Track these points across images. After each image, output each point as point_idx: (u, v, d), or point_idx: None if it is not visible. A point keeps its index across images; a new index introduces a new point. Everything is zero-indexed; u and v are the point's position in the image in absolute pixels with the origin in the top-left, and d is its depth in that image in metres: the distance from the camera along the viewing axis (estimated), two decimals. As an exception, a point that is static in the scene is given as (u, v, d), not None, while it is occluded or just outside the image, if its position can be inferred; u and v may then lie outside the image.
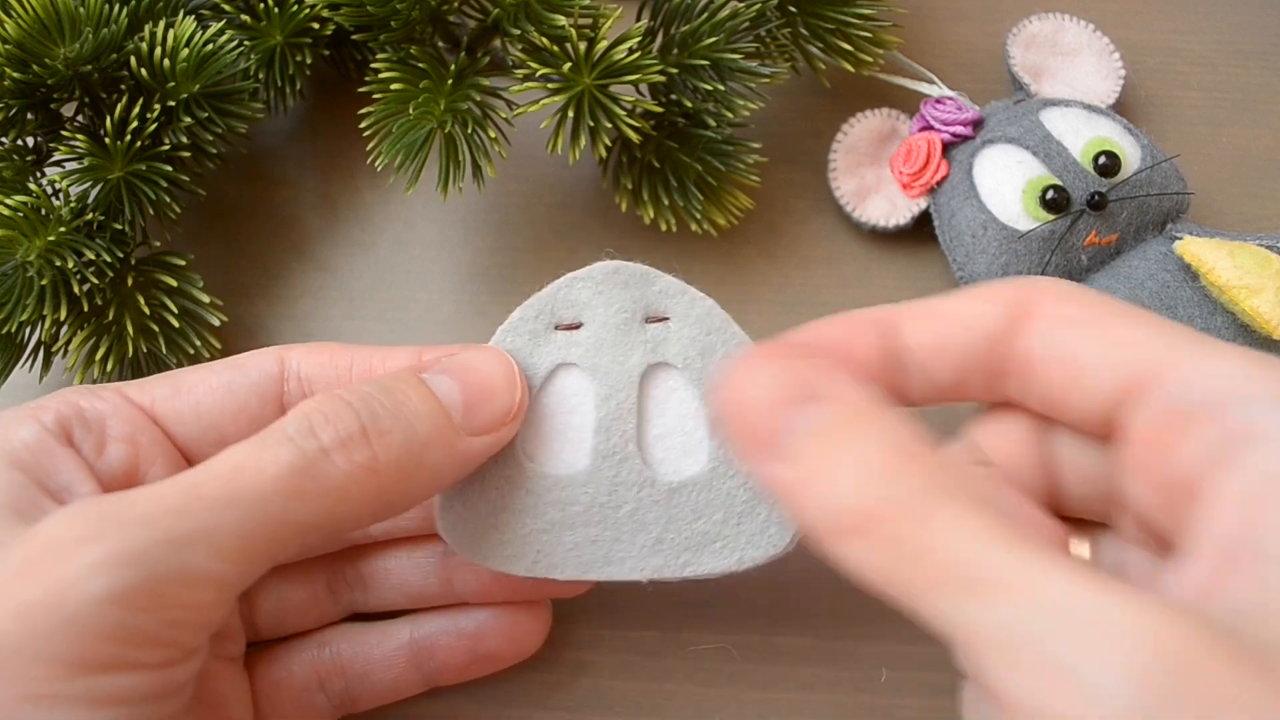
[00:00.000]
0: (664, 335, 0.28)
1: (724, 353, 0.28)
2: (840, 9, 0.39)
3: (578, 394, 0.28)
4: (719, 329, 0.28)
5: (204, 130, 0.36)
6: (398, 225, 0.41)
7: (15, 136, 0.36)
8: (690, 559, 0.28)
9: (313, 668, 0.30)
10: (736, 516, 0.28)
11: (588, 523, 0.28)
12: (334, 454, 0.24)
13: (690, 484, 0.28)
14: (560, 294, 0.29)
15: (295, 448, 0.24)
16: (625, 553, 0.28)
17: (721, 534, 0.28)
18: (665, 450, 0.28)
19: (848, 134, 0.41)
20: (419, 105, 0.34)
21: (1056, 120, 0.38)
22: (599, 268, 0.28)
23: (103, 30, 0.34)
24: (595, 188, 0.42)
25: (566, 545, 0.28)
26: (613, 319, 0.28)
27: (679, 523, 0.28)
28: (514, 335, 0.29)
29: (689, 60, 0.36)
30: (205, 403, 0.28)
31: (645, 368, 0.28)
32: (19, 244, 0.33)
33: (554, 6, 0.34)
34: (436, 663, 0.31)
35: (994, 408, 0.26)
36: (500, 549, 0.28)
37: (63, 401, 0.27)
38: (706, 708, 0.33)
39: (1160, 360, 0.22)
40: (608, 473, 0.28)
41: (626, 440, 0.28)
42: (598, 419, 0.28)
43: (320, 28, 0.38)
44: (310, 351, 0.29)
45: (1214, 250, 0.34)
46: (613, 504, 0.28)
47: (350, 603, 0.31)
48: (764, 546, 0.28)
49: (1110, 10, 0.44)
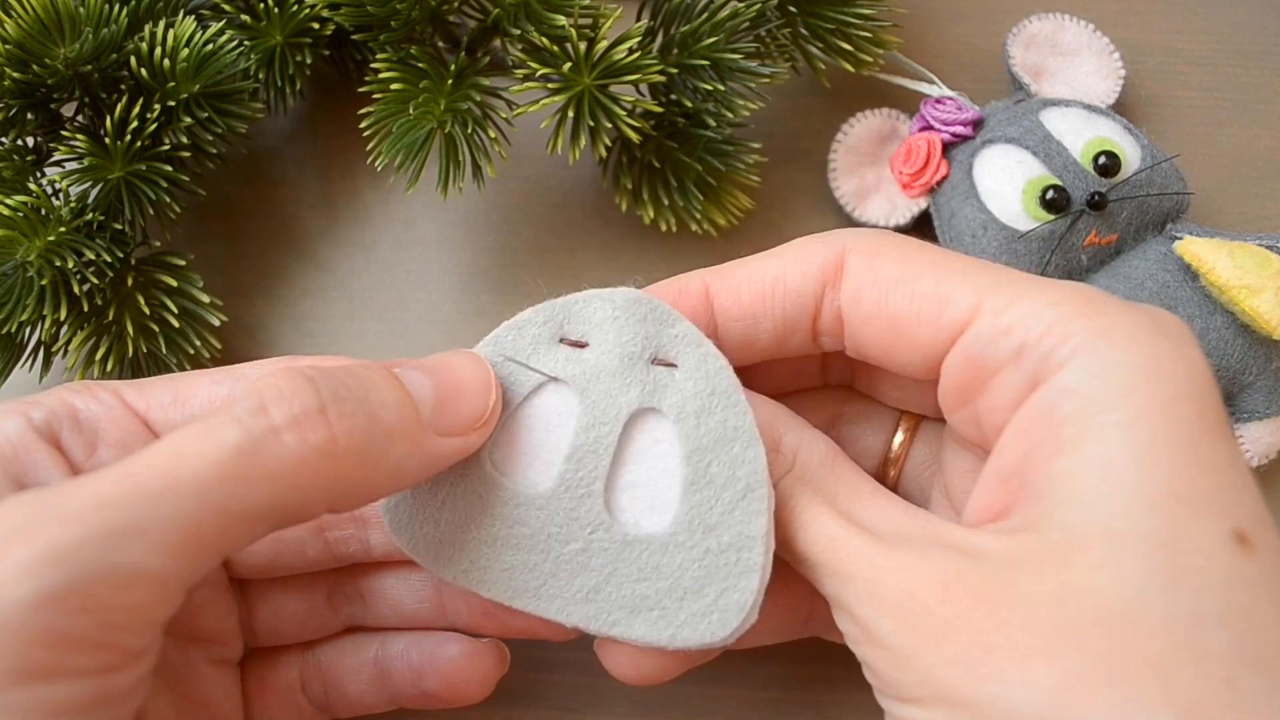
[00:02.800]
0: (666, 381, 0.27)
1: (720, 419, 0.26)
2: (840, 9, 0.39)
3: (561, 414, 0.27)
4: (723, 393, 0.26)
5: (204, 130, 0.36)
6: (398, 225, 0.41)
7: (15, 136, 0.36)
8: (621, 619, 0.26)
9: (295, 668, 0.30)
10: (682, 591, 0.26)
11: (531, 548, 0.27)
12: (285, 433, 0.22)
13: (646, 541, 0.26)
14: (575, 307, 0.27)
15: (242, 428, 0.22)
16: (558, 591, 0.27)
17: (661, 604, 0.26)
18: (631, 499, 0.27)
19: (848, 134, 0.41)
20: (419, 105, 0.34)
21: (1056, 120, 0.38)
22: (621, 293, 0.27)
23: (103, 30, 0.34)
24: (595, 188, 0.42)
25: (503, 564, 0.27)
26: (620, 349, 0.27)
27: (621, 578, 0.26)
28: (517, 335, 0.27)
29: (689, 60, 0.36)
30: (201, 414, 0.27)
31: (636, 409, 0.27)
32: (19, 244, 0.33)
33: (554, 6, 0.34)
34: (393, 685, 0.30)
35: None
36: (434, 546, 0.27)
37: (58, 400, 0.26)
38: (706, 708, 0.33)
39: (967, 312, 0.24)
40: (567, 504, 0.27)
41: (595, 477, 0.27)
42: (573, 446, 0.27)
43: (320, 28, 0.38)
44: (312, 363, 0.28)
45: (1214, 250, 0.34)
46: (561, 537, 0.27)
47: (349, 616, 0.31)
48: (702, 631, 0.26)
49: (1110, 10, 0.44)
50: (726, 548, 0.26)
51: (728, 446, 0.26)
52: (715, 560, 0.26)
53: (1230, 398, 0.35)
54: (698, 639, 0.26)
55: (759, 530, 0.25)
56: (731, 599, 0.26)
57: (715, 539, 0.26)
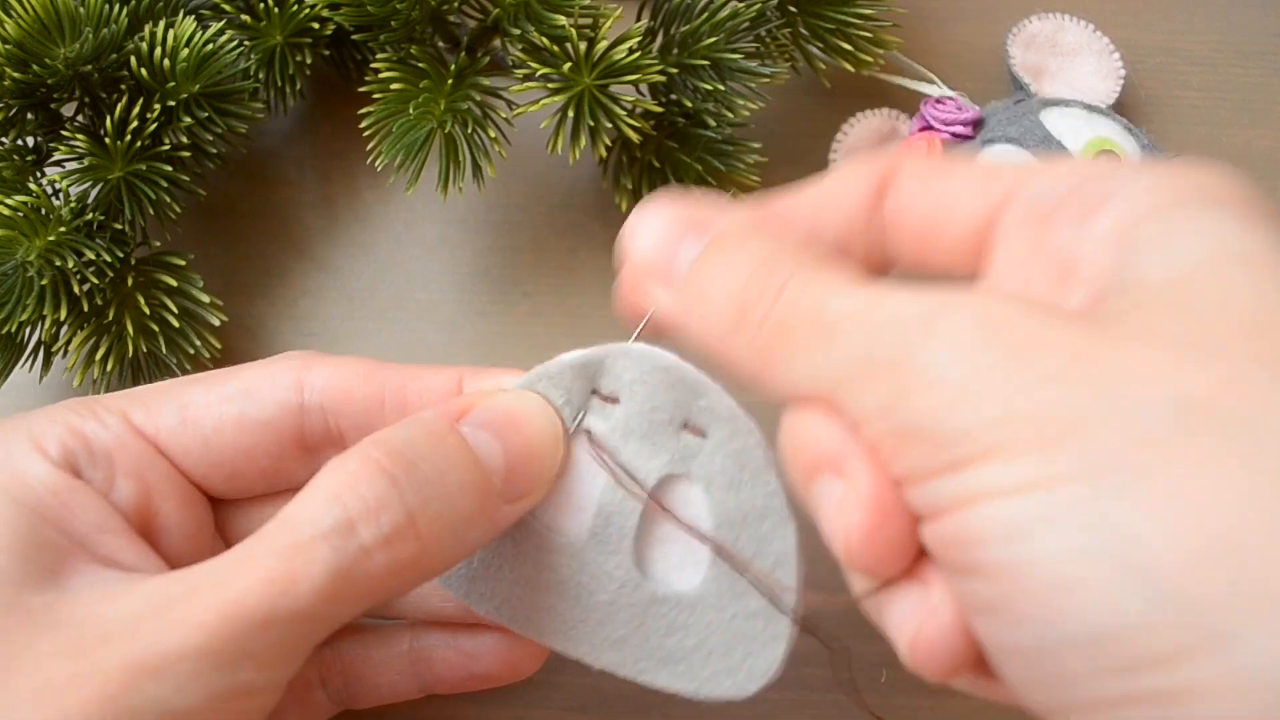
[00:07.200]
0: (696, 451, 0.26)
1: (749, 495, 0.25)
2: (840, 9, 0.39)
3: (593, 464, 0.27)
4: (753, 470, 0.25)
5: (204, 130, 0.36)
6: (398, 225, 0.41)
7: (15, 136, 0.36)
8: (648, 668, 0.27)
9: (314, 664, 0.30)
10: (709, 649, 0.26)
11: (561, 595, 0.27)
12: (377, 554, 0.22)
13: (674, 600, 0.26)
14: (610, 362, 0.26)
15: (332, 550, 0.22)
16: (586, 637, 0.27)
17: (688, 659, 0.27)
18: (662, 557, 0.27)
19: (848, 134, 0.41)
20: (419, 105, 0.34)
21: (1056, 120, 0.38)
22: (651, 356, 0.25)
23: (103, 30, 0.34)
24: (595, 188, 0.42)
25: (533, 605, 0.27)
26: (649, 414, 0.26)
27: (648, 631, 0.27)
28: (552, 385, 0.26)
29: (689, 60, 0.36)
30: (216, 440, 0.26)
31: (665, 475, 0.26)
32: (19, 244, 0.33)
33: (554, 6, 0.34)
34: (433, 674, 0.30)
35: None
36: (467, 582, 0.27)
37: (65, 428, 0.25)
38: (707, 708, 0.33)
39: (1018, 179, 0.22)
40: (596, 556, 0.27)
41: (624, 535, 0.26)
42: (601, 502, 0.26)
43: (320, 28, 0.38)
44: (334, 374, 0.27)
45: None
46: (591, 587, 0.27)
47: (368, 611, 0.31)
48: (726, 687, 0.26)
49: (1110, 10, 0.44)
50: (754, 614, 0.26)
51: (757, 523, 0.26)
52: (743, 625, 0.26)
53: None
54: (721, 694, 0.27)
55: (786, 605, 0.26)
56: (758, 664, 0.26)
57: (744, 605, 0.26)
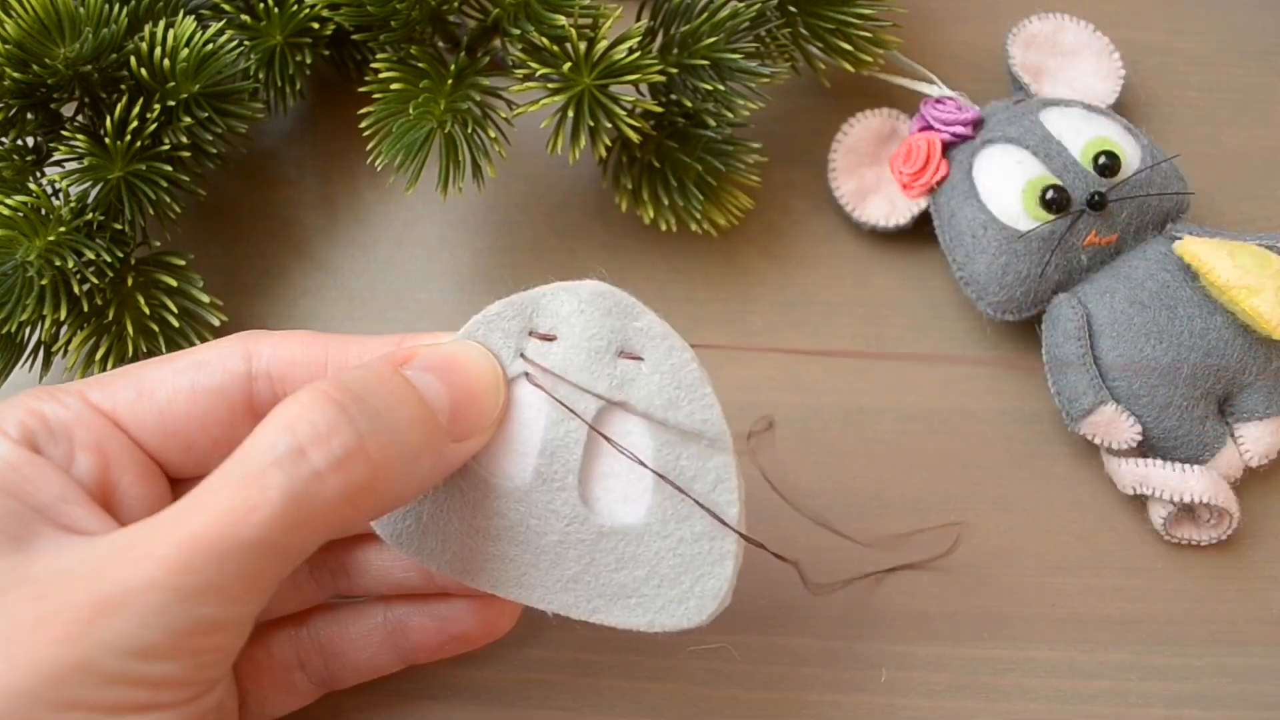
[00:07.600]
0: (633, 375, 0.27)
1: (688, 412, 0.26)
2: (840, 9, 0.39)
3: (532, 407, 0.27)
4: (689, 386, 0.26)
5: (204, 130, 0.36)
6: (398, 225, 0.41)
7: (15, 136, 0.36)
8: (600, 606, 0.27)
9: (291, 647, 0.30)
10: (659, 578, 0.27)
11: (511, 540, 0.27)
12: (329, 477, 0.23)
13: (621, 532, 0.27)
14: (544, 300, 0.27)
15: (285, 476, 0.22)
16: (538, 581, 0.27)
17: (639, 591, 0.27)
18: (605, 491, 0.27)
19: (848, 134, 0.41)
20: (419, 105, 0.34)
21: (1056, 120, 0.38)
22: (586, 286, 0.27)
23: (103, 30, 0.34)
24: (595, 188, 0.42)
25: (485, 555, 0.27)
26: (587, 343, 0.27)
27: (599, 568, 0.27)
28: (488, 329, 0.27)
29: (689, 60, 0.36)
30: (170, 410, 0.27)
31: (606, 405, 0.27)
32: (19, 244, 0.33)
33: (554, 6, 0.34)
34: (411, 642, 0.30)
35: None
36: (418, 538, 0.28)
37: (24, 410, 0.26)
38: (706, 708, 0.33)
39: None
40: (543, 497, 0.27)
41: (568, 471, 0.27)
42: (544, 440, 0.27)
43: (320, 28, 0.38)
44: (279, 344, 0.28)
45: (1214, 250, 0.34)
46: (539, 529, 0.27)
47: (333, 589, 0.31)
48: (678, 616, 0.27)
49: (1110, 10, 0.44)
50: (700, 536, 0.26)
51: (696, 439, 0.26)
52: (690, 549, 0.27)
53: (1230, 398, 0.35)
54: (675, 623, 0.27)
55: (731, 519, 0.26)
56: (707, 586, 0.27)
57: (689, 528, 0.27)
